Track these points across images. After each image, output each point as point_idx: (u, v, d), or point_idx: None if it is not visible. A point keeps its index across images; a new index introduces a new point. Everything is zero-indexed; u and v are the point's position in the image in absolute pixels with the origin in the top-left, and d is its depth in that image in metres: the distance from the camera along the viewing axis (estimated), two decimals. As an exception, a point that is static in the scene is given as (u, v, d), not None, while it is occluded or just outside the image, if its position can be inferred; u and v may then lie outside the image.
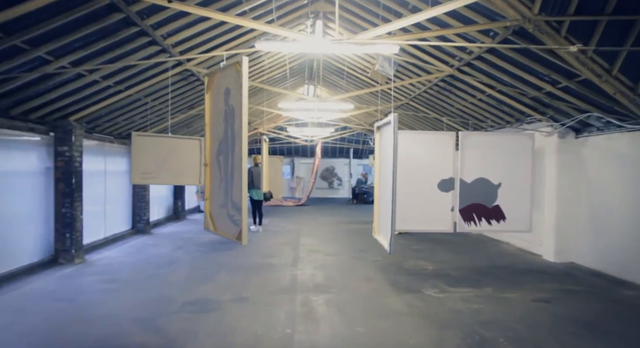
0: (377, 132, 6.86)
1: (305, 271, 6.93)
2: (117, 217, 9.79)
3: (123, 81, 7.03)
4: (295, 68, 11.95)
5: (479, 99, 8.54)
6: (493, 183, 7.48)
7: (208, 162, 4.45)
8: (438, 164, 7.56)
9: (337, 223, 12.98)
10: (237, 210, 3.94)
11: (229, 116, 4.06)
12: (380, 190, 6.75)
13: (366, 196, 20.22)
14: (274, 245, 9.24)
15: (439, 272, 6.88)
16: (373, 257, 8.07)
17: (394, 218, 5.57)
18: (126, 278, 6.34)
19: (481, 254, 8.41)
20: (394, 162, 5.51)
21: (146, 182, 7.11)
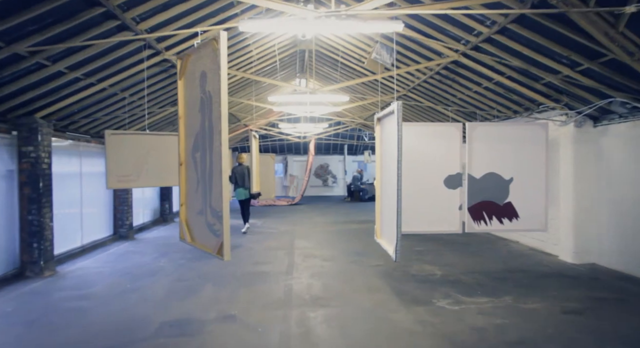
0: (377, 125, 6.18)
1: (301, 280, 6.26)
2: (96, 222, 9.05)
3: (94, 73, 6.29)
4: (285, 60, 11.24)
5: (485, 87, 7.89)
6: (504, 178, 6.85)
7: (183, 161, 3.76)
8: (444, 159, 6.90)
9: (333, 224, 12.32)
10: (217, 218, 3.25)
11: (206, 105, 3.36)
12: (383, 189, 6.09)
13: (362, 193, 19.59)
14: (266, 250, 8.56)
15: (449, 278, 6.24)
16: (374, 261, 7.42)
17: (399, 221, 4.91)
18: (99, 294, 5.63)
19: (491, 255, 7.78)
20: (399, 157, 4.84)
21: (124, 186, 6.38)
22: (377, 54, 8.40)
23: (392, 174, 5.34)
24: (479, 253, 7.99)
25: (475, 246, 8.52)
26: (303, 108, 10.89)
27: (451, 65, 7.58)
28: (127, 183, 6.28)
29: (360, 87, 11.77)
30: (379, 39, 8.02)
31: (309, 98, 9.30)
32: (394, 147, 5.11)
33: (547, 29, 5.09)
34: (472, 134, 6.85)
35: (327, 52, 10.31)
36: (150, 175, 6.23)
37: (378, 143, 6.24)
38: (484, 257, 7.68)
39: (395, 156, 4.91)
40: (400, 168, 4.87)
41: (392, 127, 5.25)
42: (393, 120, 5.15)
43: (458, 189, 6.94)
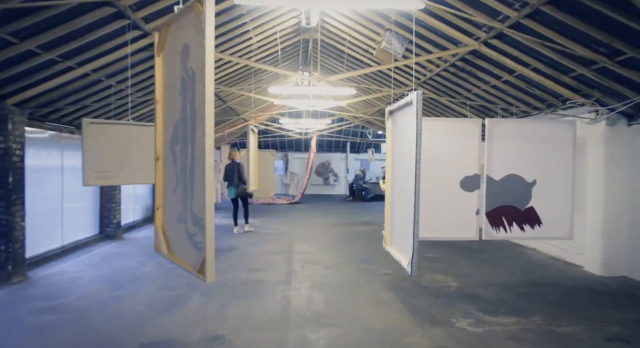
0: (388, 119, 5.51)
1: (301, 292, 5.60)
2: (80, 221, 8.39)
3: (72, 55, 5.61)
4: (288, 51, 10.56)
5: (504, 81, 7.22)
6: (527, 181, 6.18)
7: (160, 155, 3.09)
8: (461, 158, 6.24)
9: (335, 225, 11.66)
10: (199, 227, 2.59)
11: (188, 86, 2.70)
12: (394, 191, 5.42)
13: (365, 193, 18.93)
14: (263, 254, 7.90)
15: (466, 292, 5.58)
16: (381, 269, 6.76)
17: (416, 230, 4.24)
18: (71, 306, 4.97)
19: (508, 265, 7.12)
20: (418, 156, 4.18)
21: (103, 183, 5.67)
22: (387, 43, 7.73)
23: (407, 174, 4.68)
24: (495, 262, 7.32)
25: (490, 253, 7.86)
26: (305, 102, 10.22)
27: (469, 56, 6.91)
28: (107, 180, 5.59)
29: (365, 81, 11.09)
30: (391, 27, 7.35)
31: (313, 91, 8.62)
32: (410, 144, 4.44)
33: (589, 11, 4.42)
34: (492, 132, 6.19)
35: (332, 42, 9.63)
36: (133, 171, 5.55)
37: (389, 139, 5.56)
38: (501, 266, 7.01)
39: (413, 154, 4.25)
40: (419, 168, 4.21)
41: (409, 121, 4.59)
42: (410, 113, 4.49)
43: (476, 192, 6.28)
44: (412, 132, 4.33)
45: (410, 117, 4.52)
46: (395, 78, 9.77)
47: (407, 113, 4.69)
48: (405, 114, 4.80)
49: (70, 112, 7.38)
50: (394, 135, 5.42)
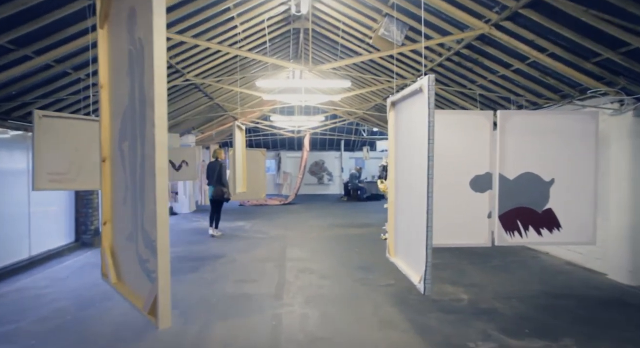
0: (390, 110, 4.86)
1: (293, 308, 4.93)
2: (51, 228, 7.67)
3: (26, 42, 4.90)
4: (277, 42, 9.86)
5: (514, 69, 6.59)
6: (544, 179, 5.56)
7: (106, 155, 2.41)
8: (470, 155, 5.62)
9: (330, 227, 10.99)
10: (151, 250, 1.92)
11: (136, 62, 2.03)
12: (398, 192, 4.78)
13: (360, 192, 18.29)
14: (252, 262, 7.22)
15: (481, 306, 4.94)
16: (383, 278, 6.12)
17: (429, 240, 3.60)
18: (24, 332, 4.26)
19: (522, 271, 6.49)
20: (429, 152, 3.53)
21: (58, 186, 4.90)
22: (385, 30, 7.07)
23: (415, 173, 4.04)
24: (506, 268, 6.69)
25: (499, 258, 7.23)
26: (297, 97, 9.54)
27: (476, 43, 6.26)
28: (62, 183, 4.86)
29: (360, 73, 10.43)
30: (389, 11, 6.69)
31: (304, 83, 7.94)
32: (419, 138, 3.80)
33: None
34: (505, 125, 5.55)
35: (325, 31, 8.95)
36: (93, 173, 4.82)
37: (392, 134, 4.91)
38: (513, 273, 6.38)
39: (423, 150, 3.61)
40: (432, 166, 3.57)
41: (417, 112, 3.94)
42: (419, 102, 3.84)
43: (487, 193, 5.65)
44: (422, 124, 3.68)
45: (418, 106, 3.87)
46: (389, 69, 9.11)
47: (414, 102, 4.04)
48: (411, 104, 4.14)
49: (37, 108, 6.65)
50: (398, 129, 4.77)
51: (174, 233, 10.23)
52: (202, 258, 7.51)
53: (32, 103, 6.27)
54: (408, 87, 4.08)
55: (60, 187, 4.93)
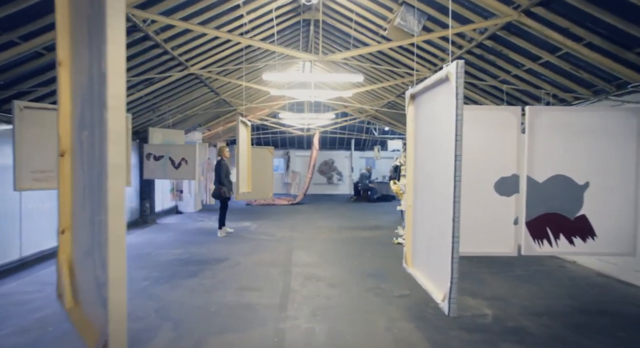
0: (410, 105, 4.36)
1: (298, 321, 4.46)
2: (44, 227, 7.25)
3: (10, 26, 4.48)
4: (286, 35, 9.41)
5: (542, 62, 6.05)
6: (577, 183, 5.04)
7: (65, 149, 1.96)
8: (495, 155, 5.10)
9: (339, 229, 10.50)
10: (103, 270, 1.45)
11: (94, 30, 1.57)
12: (417, 195, 4.28)
13: (370, 193, 17.78)
14: (257, 266, 6.76)
15: (508, 324, 4.42)
16: (397, 288, 5.62)
17: (456, 252, 3.12)
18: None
19: (549, 283, 5.95)
20: (457, 149, 3.05)
21: (42, 186, 4.44)
22: (401, 19, 6.58)
23: (437, 174, 3.55)
24: (531, 278, 6.15)
25: (522, 267, 6.69)
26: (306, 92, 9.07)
27: (501, 33, 5.74)
28: (48, 182, 4.43)
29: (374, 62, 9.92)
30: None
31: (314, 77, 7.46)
32: (444, 135, 3.32)
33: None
34: (534, 122, 5.03)
35: (336, 23, 8.46)
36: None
37: (410, 130, 4.42)
38: (539, 285, 5.84)
39: (449, 148, 3.12)
40: (460, 167, 3.08)
41: (442, 104, 3.45)
42: (444, 93, 3.35)
43: (513, 197, 5.13)
44: (447, 118, 3.19)
45: (443, 98, 3.37)
46: (404, 63, 8.60)
47: (438, 94, 3.54)
48: (435, 96, 3.64)
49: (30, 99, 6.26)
50: (418, 125, 4.27)
51: (177, 234, 9.82)
52: (203, 261, 7.07)
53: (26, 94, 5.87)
54: (431, 77, 3.59)
55: (45, 186, 4.49)
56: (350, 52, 6.83)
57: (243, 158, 7.34)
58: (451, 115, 3.06)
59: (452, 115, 3.04)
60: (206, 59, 8.17)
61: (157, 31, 6.29)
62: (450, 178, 3.12)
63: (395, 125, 15.65)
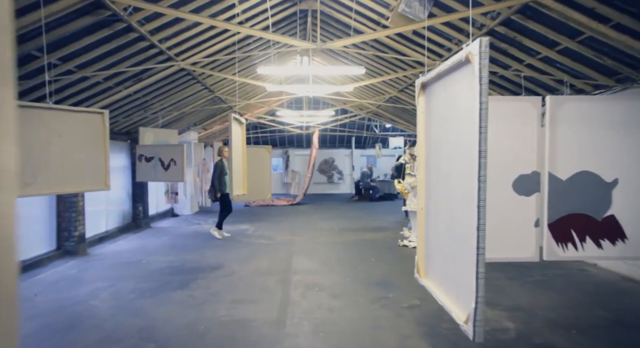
0: (420, 95, 3.87)
1: (298, 341, 3.98)
2: (26, 235, 6.81)
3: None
4: (281, 26, 8.91)
5: (561, 49, 5.55)
6: (604, 180, 4.55)
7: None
8: (513, 150, 4.61)
9: (341, 232, 10.03)
10: None
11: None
12: (433, 199, 3.79)
13: (372, 192, 17.30)
14: (253, 275, 6.29)
15: (535, 340, 3.94)
16: (405, 297, 5.14)
17: (481, 266, 2.64)
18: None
19: (571, 289, 5.46)
20: (481, 144, 2.57)
21: None
22: (406, 5, 6.07)
23: (455, 173, 3.07)
24: (551, 284, 5.67)
25: (539, 271, 6.20)
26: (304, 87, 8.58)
27: (516, 17, 5.24)
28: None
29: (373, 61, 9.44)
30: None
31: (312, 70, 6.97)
32: (464, 128, 2.84)
33: None
34: (556, 113, 4.53)
35: (335, 13, 7.97)
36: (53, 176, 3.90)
37: (421, 123, 3.92)
38: (562, 291, 5.36)
39: (472, 144, 2.65)
40: (485, 166, 2.60)
41: (460, 93, 2.96)
42: (463, 78, 2.86)
43: (534, 196, 4.64)
44: (468, 108, 2.72)
45: (462, 85, 2.89)
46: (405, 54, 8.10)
47: (455, 80, 3.05)
48: (451, 83, 3.15)
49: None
50: (430, 118, 3.78)
51: (171, 238, 9.35)
52: (196, 269, 6.60)
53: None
54: (445, 62, 3.10)
55: (14, 193, 4.01)
56: (350, 38, 6.31)
57: (237, 158, 6.85)
58: (473, 104, 2.58)
59: (475, 103, 2.56)
60: (197, 53, 7.68)
61: (141, 22, 5.80)
62: (473, 178, 2.64)
63: (398, 121, 15.16)
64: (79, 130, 4.11)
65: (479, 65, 2.50)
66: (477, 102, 2.53)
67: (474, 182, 2.57)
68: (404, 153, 9.14)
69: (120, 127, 10.06)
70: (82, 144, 4.11)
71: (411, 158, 8.47)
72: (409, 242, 8.19)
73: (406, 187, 8.35)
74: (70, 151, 4.08)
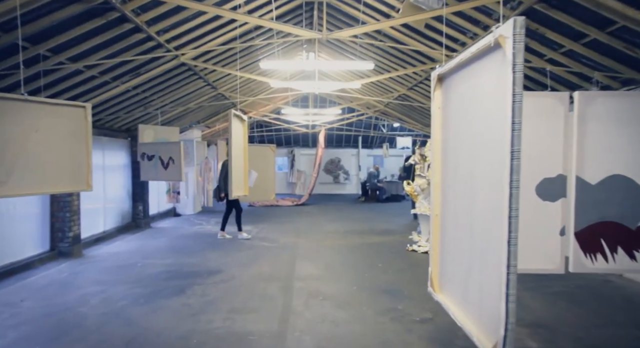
0: (436, 89, 3.48)
1: (299, 359, 3.61)
2: (18, 235, 6.51)
3: None
4: (287, 20, 8.54)
5: (587, 42, 5.13)
6: (639, 184, 4.14)
7: None
8: (537, 151, 4.22)
9: (347, 234, 9.65)
10: None
11: None
12: (450, 205, 3.39)
13: (379, 193, 16.90)
14: (254, 281, 5.93)
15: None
16: (415, 309, 4.75)
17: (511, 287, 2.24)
18: None
19: (599, 304, 5.04)
20: (514, 145, 2.19)
21: None
22: (418, -6, 5.68)
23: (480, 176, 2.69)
24: (574, 297, 5.25)
25: (560, 280, 5.77)
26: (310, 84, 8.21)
27: (539, 6, 4.82)
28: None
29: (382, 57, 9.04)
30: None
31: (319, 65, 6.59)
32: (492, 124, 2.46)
33: None
34: (586, 111, 4.12)
35: (342, 5, 7.58)
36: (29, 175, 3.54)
37: (437, 119, 3.52)
38: (587, 306, 4.93)
39: (502, 143, 2.26)
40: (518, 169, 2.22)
41: (486, 84, 2.57)
42: (490, 67, 2.47)
43: (559, 202, 4.25)
44: (497, 100, 2.34)
45: (489, 75, 2.50)
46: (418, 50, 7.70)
47: (478, 71, 2.66)
48: (473, 74, 2.76)
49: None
50: (448, 113, 3.39)
51: (170, 239, 9.03)
52: (194, 274, 6.25)
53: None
54: (469, 48, 2.71)
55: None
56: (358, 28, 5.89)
57: (238, 157, 6.48)
58: (503, 97, 2.20)
59: (506, 96, 2.17)
60: (198, 47, 7.33)
61: (136, 11, 5.45)
62: (501, 183, 2.26)
63: (406, 121, 14.74)
64: (59, 126, 3.76)
65: (512, 49, 2.12)
66: (509, 93, 2.15)
67: (504, 188, 2.18)
68: (414, 153, 8.73)
69: (120, 124, 9.76)
70: (62, 141, 3.76)
71: (421, 158, 8.07)
72: (419, 247, 7.79)
73: (416, 188, 7.95)
74: (49, 148, 3.72)
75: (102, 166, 8.97)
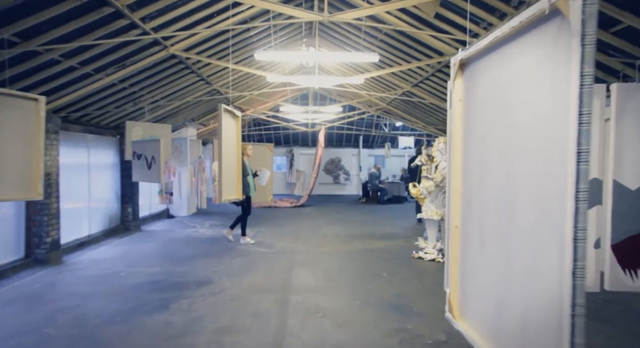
0: (457, 77, 2.91)
1: (293, 398, 3.06)
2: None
3: None
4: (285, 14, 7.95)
5: (618, 30, 4.59)
6: (686, 190, 3.60)
7: None
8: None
9: (348, 239, 9.10)
10: None
11: None
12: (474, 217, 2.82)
13: (380, 194, 16.35)
14: (246, 294, 5.37)
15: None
16: (427, 329, 4.20)
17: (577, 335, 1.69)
18: None
19: (630, 322, 4.50)
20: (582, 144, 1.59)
21: None
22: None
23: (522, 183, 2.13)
24: (601, 313, 4.71)
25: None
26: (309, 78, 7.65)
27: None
28: None
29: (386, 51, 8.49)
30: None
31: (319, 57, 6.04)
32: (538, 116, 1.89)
33: None
34: (625, 104, 3.61)
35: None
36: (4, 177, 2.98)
37: (457, 113, 2.96)
38: (620, 326, 4.39)
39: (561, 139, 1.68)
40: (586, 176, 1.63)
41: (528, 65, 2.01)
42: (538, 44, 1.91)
43: (594, 209, 3.72)
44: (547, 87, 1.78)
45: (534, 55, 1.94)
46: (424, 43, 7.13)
47: (519, 51, 2.09)
48: (512, 56, 2.19)
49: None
50: (471, 106, 2.83)
51: (160, 244, 8.48)
52: (181, 285, 5.70)
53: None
54: (509, 22, 2.14)
55: None
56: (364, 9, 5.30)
57: (230, 157, 5.92)
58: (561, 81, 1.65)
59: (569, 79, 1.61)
60: (188, 37, 6.76)
61: (115, -6, 4.90)
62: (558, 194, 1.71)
63: (409, 119, 14.19)
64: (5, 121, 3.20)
65: (581, 14, 1.57)
66: (574, 75, 1.58)
67: (568, 201, 1.61)
68: (418, 154, 8.17)
69: (107, 121, 9.20)
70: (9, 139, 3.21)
71: (428, 159, 7.51)
72: (425, 254, 7.24)
73: (422, 191, 7.40)
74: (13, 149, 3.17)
75: (87, 165, 8.42)
